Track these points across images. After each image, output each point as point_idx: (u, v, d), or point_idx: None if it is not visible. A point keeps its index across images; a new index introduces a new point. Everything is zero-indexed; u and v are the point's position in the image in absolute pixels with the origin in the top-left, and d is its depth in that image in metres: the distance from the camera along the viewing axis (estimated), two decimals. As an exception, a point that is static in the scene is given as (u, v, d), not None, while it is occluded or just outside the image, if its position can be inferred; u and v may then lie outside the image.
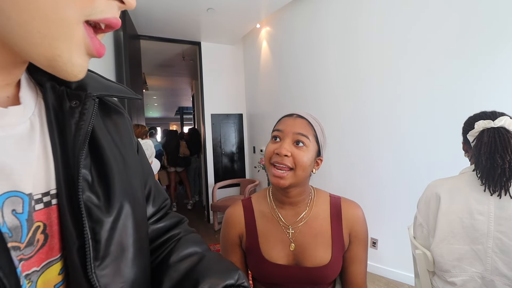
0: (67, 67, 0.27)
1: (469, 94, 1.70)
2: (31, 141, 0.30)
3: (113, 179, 0.36)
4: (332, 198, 0.76)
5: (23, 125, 0.30)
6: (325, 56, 2.57)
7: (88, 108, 0.34)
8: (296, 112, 0.73)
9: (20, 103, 0.30)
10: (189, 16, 2.95)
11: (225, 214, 0.80)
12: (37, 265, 0.29)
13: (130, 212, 0.37)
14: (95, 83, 0.38)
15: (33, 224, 0.29)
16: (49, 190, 0.31)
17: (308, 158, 0.67)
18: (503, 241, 0.84)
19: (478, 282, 0.89)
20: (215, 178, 3.91)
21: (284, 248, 0.72)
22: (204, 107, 3.87)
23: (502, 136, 0.84)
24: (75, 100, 0.34)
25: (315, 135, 0.70)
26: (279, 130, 0.70)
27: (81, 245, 0.31)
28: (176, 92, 7.74)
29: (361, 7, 2.25)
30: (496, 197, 0.86)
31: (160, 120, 13.50)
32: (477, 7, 1.63)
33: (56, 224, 0.31)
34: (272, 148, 0.69)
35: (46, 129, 0.32)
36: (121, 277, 0.34)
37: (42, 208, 0.30)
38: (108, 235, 0.33)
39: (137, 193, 0.40)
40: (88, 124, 0.33)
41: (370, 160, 2.28)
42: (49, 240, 0.30)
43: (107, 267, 0.32)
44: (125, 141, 0.42)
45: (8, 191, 0.27)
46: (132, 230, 0.36)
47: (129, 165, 0.40)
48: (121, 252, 0.34)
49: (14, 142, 0.28)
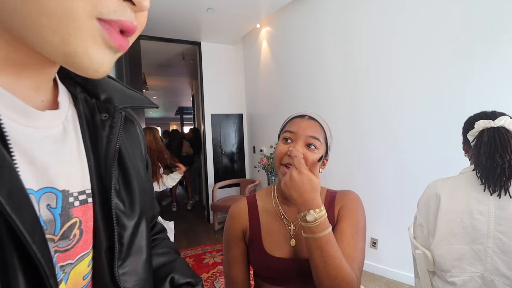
0: (84, 63, 0.26)
1: (469, 94, 1.70)
2: (64, 143, 0.33)
3: (134, 188, 0.40)
4: (328, 192, 0.78)
5: (57, 128, 0.32)
6: (325, 56, 2.57)
7: (116, 122, 0.38)
8: (307, 113, 0.74)
9: (59, 108, 0.33)
10: (189, 16, 2.95)
11: (230, 209, 0.82)
12: (72, 258, 0.32)
13: (145, 219, 0.41)
14: (120, 94, 0.41)
15: (70, 219, 0.31)
16: (84, 190, 0.34)
17: (318, 159, 0.68)
18: (503, 241, 0.84)
19: (478, 282, 0.89)
20: (215, 178, 3.91)
21: (285, 243, 0.73)
22: (204, 107, 3.87)
23: (502, 136, 0.84)
24: (104, 113, 0.38)
25: (325, 137, 0.72)
26: (291, 131, 0.70)
27: (108, 247, 0.35)
28: (176, 92, 7.74)
29: (361, 7, 2.25)
30: (496, 196, 0.86)
31: (160, 120, 13.51)
32: (477, 6, 1.63)
33: (90, 220, 0.34)
34: (284, 149, 0.69)
35: (79, 134, 0.35)
36: (136, 276, 0.38)
37: (79, 205, 0.33)
38: (130, 239, 0.38)
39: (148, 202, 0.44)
40: (117, 138, 0.37)
41: (370, 160, 2.28)
42: (83, 235, 0.33)
43: (127, 266, 0.37)
44: (136, 151, 0.46)
45: (44, 187, 0.29)
46: (146, 235, 0.41)
47: (141, 175, 0.44)
48: (138, 254, 0.39)
49: (49, 143, 0.30)
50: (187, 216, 4.32)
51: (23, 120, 0.28)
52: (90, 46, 0.25)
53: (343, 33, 2.40)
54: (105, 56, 0.27)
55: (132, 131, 0.46)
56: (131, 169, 0.40)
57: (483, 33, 1.61)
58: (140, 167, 0.45)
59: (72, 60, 0.25)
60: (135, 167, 0.42)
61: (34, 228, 0.24)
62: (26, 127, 0.28)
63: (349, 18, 2.34)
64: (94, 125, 0.37)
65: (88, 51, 0.25)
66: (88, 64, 0.26)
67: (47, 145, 0.30)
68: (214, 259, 2.76)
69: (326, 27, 2.54)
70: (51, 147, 0.30)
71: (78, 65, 0.26)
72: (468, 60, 1.70)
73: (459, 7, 1.70)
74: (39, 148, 0.29)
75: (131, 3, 0.27)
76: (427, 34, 1.87)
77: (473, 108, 1.03)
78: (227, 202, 3.40)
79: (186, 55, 4.43)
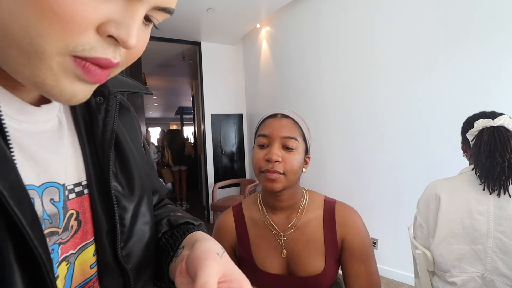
0: (55, 93, 0.24)
1: (469, 94, 1.70)
2: (61, 135, 0.33)
3: (132, 170, 0.39)
4: (326, 202, 0.72)
5: (52, 121, 0.32)
6: (325, 55, 2.57)
7: (111, 104, 0.37)
8: (280, 111, 0.68)
9: (51, 101, 0.32)
10: (189, 16, 2.95)
11: (216, 222, 0.77)
12: (73, 248, 0.32)
13: (146, 201, 0.40)
14: (114, 79, 0.39)
15: (68, 211, 0.32)
16: (80, 181, 0.34)
17: (298, 161, 0.64)
18: (503, 241, 0.84)
19: (478, 282, 0.89)
20: (215, 178, 3.91)
21: (277, 256, 0.69)
22: (204, 107, 3.87)
23: (501, 135, 0.84)
24: (99, 97, 0.36)
25: (302, 134, 0.67)
26: (264, 135, 0.65)
27: (109, 229, 0.35)
28: (176, 92, 7.73)
29: (361, 8, 2.25)
30: (496, 196, 0.86)
31: (160, 120, 13.50)
32: (476, 10, 1.63)
33: (88, 211, 0.34)
34: (261, 155, 0.64)
35: (72, 125, 0.35)
36: (139, 257, 0.37)
37: (75, 197, 0.33)
38: (131, 220, 0.37)
39: (148, 184, 0.43)
40: (113, 121, 0.36)
41: (369, 160, 2.27)
42: (82, 225, 0.33)
43: (130, 248, 0.36)
44: (134, 136, 0.45)
45: (46, 182, 0.29)
46: (149, 217, 0.40)
47: (139, 157, 0.43)
48: (141, 235, 0.38)
49: (47, 137, 0.31)
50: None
51: (20, 116, 0.28)
52: (60, 80, 0.24)
53: (343, 33, 2.40)
54: (78, 88, 0.25)
55: (127, 117, 0.45)
56: (128, 152, 0.40)
57: (481, 34, 1.61)
58: (138, 150, 0.44)
59: (43, 90, 0.24)
60: (132, 150, 0.41)
61: (34, 223, 0.24)
62: (24, 123, 0.28)
63: (348, 19, 2.34)
64: (89, 109, 0.36)
65: (57, 84, 0.24)
66: (58, 95, 0.25)
67: (45, 140, 0.30)
68: (214, 259, 2.75)
69: (326, 27, 2.54)
70: (49, 142, 0.30)
71: (48, 95, 0.25)
72: (462, 62, 1.70)
73: (457, 7, 1.70)
74: (37, 144, 0.29)
75: (114, 40, 0.25)
76: (428, 35, 1.87)
77: (474, 108, 1.03)
78: (227, 202, 3.40)
79: (186, 55, 4.42)
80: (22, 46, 0.22)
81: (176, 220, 0.45)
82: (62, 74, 0.24)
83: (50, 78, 0.23)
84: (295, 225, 0.70)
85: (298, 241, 0.69)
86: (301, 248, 0.68)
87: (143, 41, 0.29)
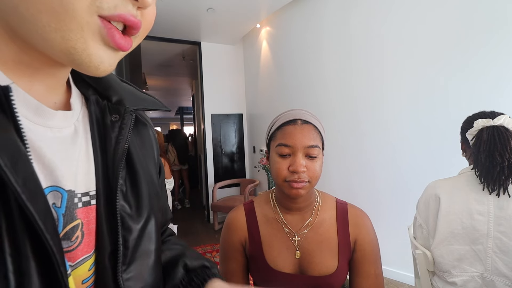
0: (84, 59, 0.26)
1: (468, 94, 1.70)
2: (74, 143, 0.33)
3: (142, 190, 0.39)
4: (338, 204, 0.73)
5: (68, 128, 0.32)
6: (325, 56, 2.57)
7: (126, 123, 0.37)
8: (298, 116, 0.67)
9: (71, 109, 0.33)
10: (189, 16, 2.95)
11: (226, 218, 0.77)
12: (73, 261, 0.31)
13: (154, 222, 0.40)
14: (131, 96, 0.41)
15: (74, 220, 0.31)
16: (88, 191, 0.33)
17: (320, 166, 0.65)
18: (503, 241, 0.84)
19: (478, 282, 0.89)
20: (215, 178, 3.91)
21: (289, 255, 0.69)
22: (204, 107, 3.87)
23: (501, 135, 0.84)
24: (115, 115, 0.37)
25: (321, 138, 0.67)
26: (287, 145, 0.63)
27: (112, 250, 0.34)
28: (176, 92, 7.73)
29: (360, 8, 2.25)
30: (495, 196, 0.86)
31: (160, 120, 13.51)
32: (476, 10, 1.63)
33: (93, 223, 0.33)
34: (284, 166, 0.63)
35: (89, 136, 0.35)
36: (142, 281, 0.36)
37: (82, 206, 0.32)
38: (136, 242, 0.36)
39: (157, 205, 0.43)
40: (126, 139, 0.37)
41: (369, 160, 2.27)
42: (85, 238, 0.32)
43: (132, 271, 0.35)
44: (149, 154, 0.45)
45: (51, 185, 0.29)
46: (155, 239, 0.39)
47: (152, 179, 0.43)
48: (145, 258, 0.37)
49: (59, 143, 0.31)
50: (187, 216, 4.32)
51: (36, 118, 0.28)
52: (89, 43, 0.25)
53: (343, 33, 2.40)
54: (104, 54, 0.27)
55: (144, 134, 0.45)
56: (140, 171, 0.39)
57: (480, 35, 1.61)
58: (152, 171, 0.44)
59: (72, 57, 0.25)
60: (145, 170, 0.41)
61: (46, 217, 0.24)
62: (38, 126, 0.29)
63: (348, 18, 2.34)
64: (104, 126, 0.36)
65: (87, 47, 0.25)
66: (88, 60, 0.26)
67: (56, 145, 0.30)
68: (214, 259, 2.76)
69: (326, 27, 2.54)
70: (60, 147, 0.31)
71: (78, 62, 0.26)
72: (465, 63, 1.70)
73: (457, 8, 1.70)
74: (48, 147, 0.29)
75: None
76: (428, 36, 1.87)
77: (473, 108, 1.03)
78: (227, 202, 3.40)
79: (186, 55, 4.42)
80: (53, 8, 0.23)
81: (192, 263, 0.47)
82: (90, 37, 0.25)
83: (80, 40, 0.25)
84: (310, 225, 0.70)
85: (311, 241, 0.69)
86: (315, 247, 0.69)
87: (152, 11, 0.31)
